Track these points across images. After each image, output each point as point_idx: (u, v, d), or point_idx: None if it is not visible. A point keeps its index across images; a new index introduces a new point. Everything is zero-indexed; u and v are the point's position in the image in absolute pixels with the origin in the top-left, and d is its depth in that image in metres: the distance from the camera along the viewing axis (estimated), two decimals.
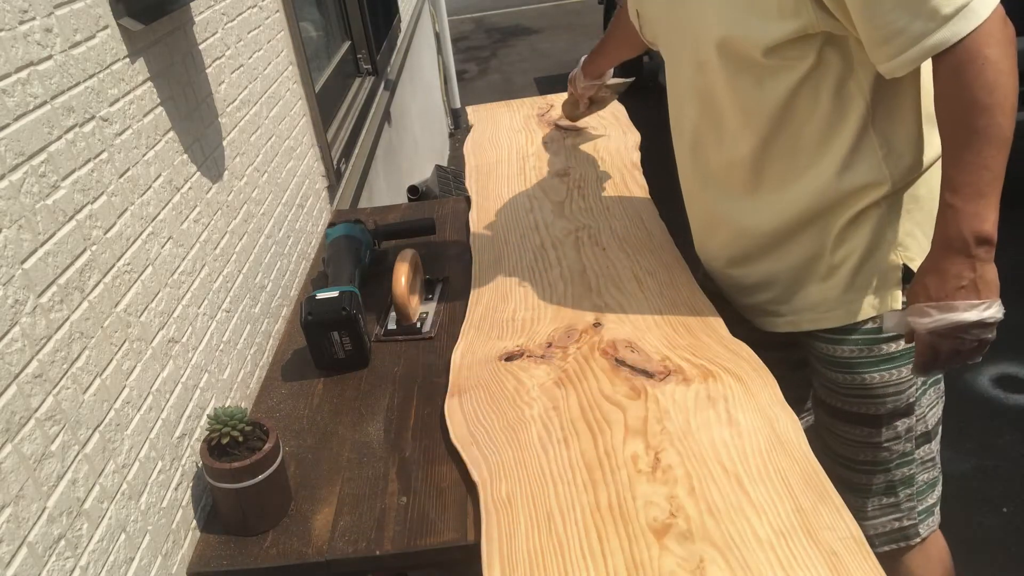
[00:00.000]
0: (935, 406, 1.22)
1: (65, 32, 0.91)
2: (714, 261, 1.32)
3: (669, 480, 0.95)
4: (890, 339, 1.13)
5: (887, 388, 1.15)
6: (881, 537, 1.26)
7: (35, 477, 0.77)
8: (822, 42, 1.00)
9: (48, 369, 0.81)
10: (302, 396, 1.32)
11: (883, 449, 1.20)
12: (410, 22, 4.42)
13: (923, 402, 1.18)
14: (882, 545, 1.26)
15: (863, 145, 1.06)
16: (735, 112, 1.11)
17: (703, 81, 1.13)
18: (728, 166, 1.17)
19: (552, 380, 1.16)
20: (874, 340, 1.13)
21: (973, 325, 0.95)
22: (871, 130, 1.05)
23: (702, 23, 1.08)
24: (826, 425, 1.26)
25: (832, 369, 1.18)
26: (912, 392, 1.16)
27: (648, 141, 2.04)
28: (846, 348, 1.15)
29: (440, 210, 1.96)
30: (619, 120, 2.12)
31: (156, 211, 1.09)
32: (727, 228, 1.23)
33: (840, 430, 1.23)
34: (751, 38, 1.02)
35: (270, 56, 1.69)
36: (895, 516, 1.25)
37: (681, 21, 1.14)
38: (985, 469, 2.14)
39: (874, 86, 1.03)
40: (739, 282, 1.28)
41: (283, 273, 1.60)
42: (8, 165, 0.79)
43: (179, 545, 1.02)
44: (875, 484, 1.23)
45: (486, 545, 0.91)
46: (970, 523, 1.97)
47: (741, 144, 1.12)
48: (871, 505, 1.25)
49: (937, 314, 0.96)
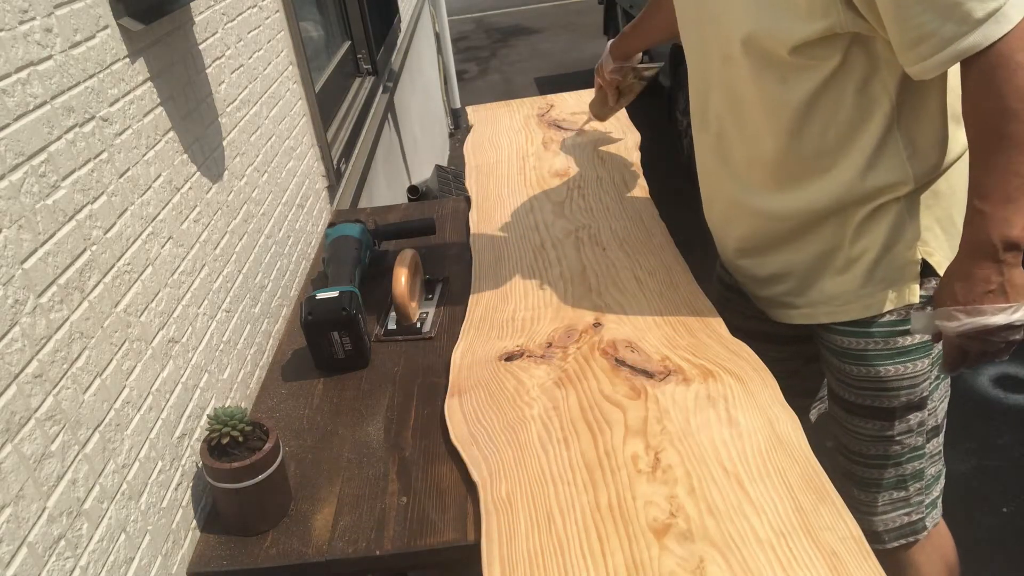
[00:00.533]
0: (945, 399, 1.22)
1: (65, 32, 0.91)
2: (730, 251, 1.31)
3: (669, 480, 0.95)
4: (905, 332, 1.13)
5: (902, 381, 1.15)
6: (891, 533, 1.26)
7: (35, 477, 0.77)
8: (849, 42, 0.99)
9: (48, 369, 0.81)
10: (302, 396, 1.32)
11: (895, 443, 1.20)
12: (410, 22, 4.42)
13: (935, 396, 1.19)
14: (892, 541, 1.26)
15: (887, 145, 1.05)
16: (759, 108, 1.10)
17: (728, 75, 1.13)
18: (751, 161, 1.17)
19: (552, 380, 1.16)
20: (890, 333, 1.13)
21: (1002, 328, 0.95)
22: (896, 130, 1.04)
23: (729, 17, 1.07)
24: (839, 420, 1.26)
25: (847, 362, 1.18)
26: (926, 386, 1.16)
27: (648, 141, 2.04)
28: (862, 341, 1.15)
29: (440, 210, 1.96)
30: (619, 120, 2.12)
31: (156, 211, 1.09)
32: (746, 218, 1.23)
33: (853, 425, 1.23)
34: (778, 36, 1.01)
35: (270, 56, 1.69)
36: (905, 511, 1.25)
37: (710, 13, 1.12)
38: (985, 469, 2.14)
39: (900, 86, 1.02)
40: (755, 273, 1.27)
41: (283, 273, 1.60)
42: (8, 165, 0.79)
43: (179, 545, 1.02)
44: (886, 479, 1.23)
45: (486, 545, 0.91)
46: (970, 523, 1.97)
47: (765, 141, 1.12)
48: (882, 500, 1.25)
49: (966, 318, 0.96)
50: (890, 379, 1.15)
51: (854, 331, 1.15)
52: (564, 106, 2.28)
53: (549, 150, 1.99)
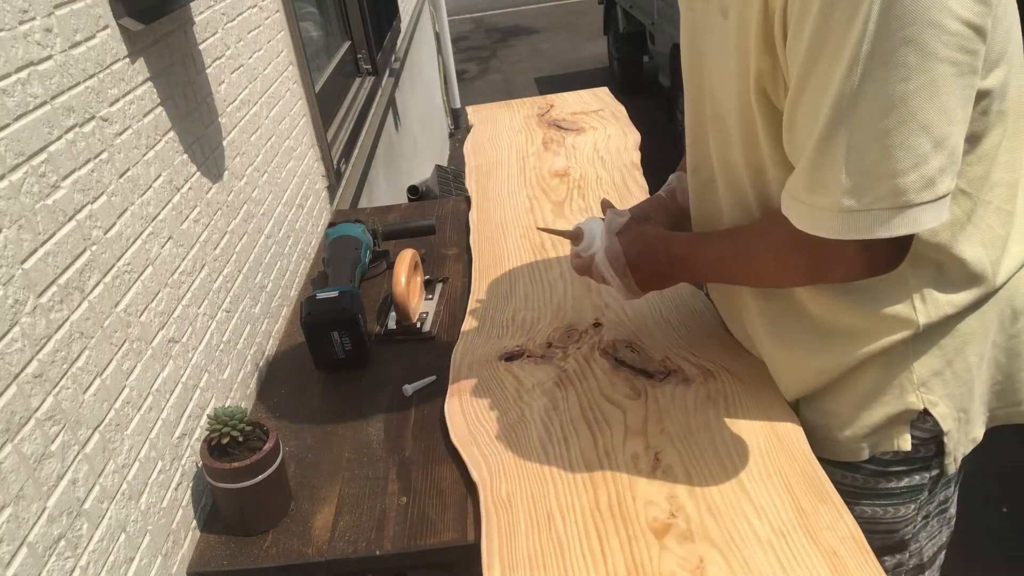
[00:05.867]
0: (935, 536, 1.07)
1: (65, 32, 0.91)
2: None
3: (669, 480, 0.95)
4: (889, 475, 0.97)
5: (878, 524, 1.01)
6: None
7: (35, 477, 0.77)
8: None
9: (48, 369, 0.81)
10: (302, 396, 1.32)
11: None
12: (410, 22, 4.42)
13: (920, 537, 1.04)
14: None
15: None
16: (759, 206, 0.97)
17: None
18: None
19: (552, 380, 1.16)
20: (872, 473, 0.98)
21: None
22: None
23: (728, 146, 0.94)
24: None
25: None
26: (908, 530, 1.02)
27: (648, 141, 2.04)
28: (844, 475, 1.01)
29: (440, 210, 1.96)
30: (619, 120, 2.12)
31: (156, 211, 1.09)
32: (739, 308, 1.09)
33: None
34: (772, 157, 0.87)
35: (270, 56, 1.69)
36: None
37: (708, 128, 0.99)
38: (985, 469, 2.14)
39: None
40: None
41: (283, 273, 1.60)
42: (8, 165, 0.79)
43: (179, 545, 1.02)
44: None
45: (486, 545, 0.91)
46: (970, 523, 1.97)
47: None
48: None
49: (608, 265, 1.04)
50: (864, 520, 0.98)
51: (834, 463, 1.01)
52: (564, 106, 2.28)
53: (549, 150, 1.99)
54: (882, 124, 0.68)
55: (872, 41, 0.66)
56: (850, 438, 0.96)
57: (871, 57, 0.66)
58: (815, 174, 0.74)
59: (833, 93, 0.69)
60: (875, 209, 0.71)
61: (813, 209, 0.75)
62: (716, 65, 0.89)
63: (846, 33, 0.67)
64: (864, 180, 0.71)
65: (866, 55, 0.66)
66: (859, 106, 0.69)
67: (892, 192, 0.70)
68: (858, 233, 0.73)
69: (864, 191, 0.71)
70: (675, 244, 1.01)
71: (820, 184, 0.74)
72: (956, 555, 1.35)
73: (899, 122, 0.68)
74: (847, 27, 0.67)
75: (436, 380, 1.28)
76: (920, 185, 0.70)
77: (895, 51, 0.66)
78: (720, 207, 1.00)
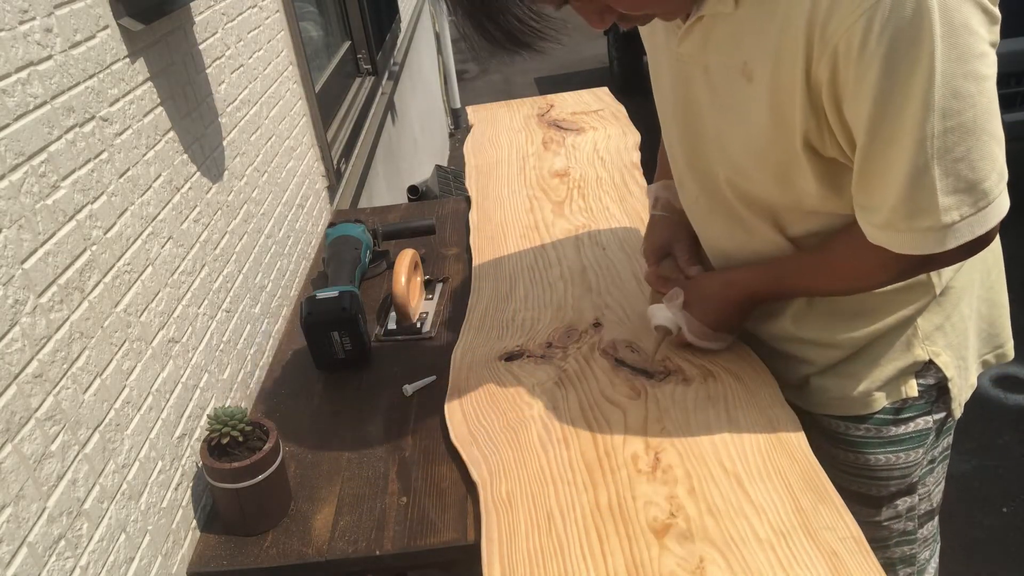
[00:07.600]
0: (941, 483, 1.15)
1: (65, 32, 0.91)
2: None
3: (669, 480, 0.95)
4: (899, 421, 1.06)
5: (892, 471, 1.09)
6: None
7: (35, 477, 0.77)
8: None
9: (48, 369, 0.81)
10: (302, 396, 1.32)
11: (882, 528, 1.14)
12: (410, 22, 4.42)
13: (929, 481, 1.13)
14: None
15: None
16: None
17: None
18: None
19: (552, 380, 1.16)
20: (883, 422, 1.06)
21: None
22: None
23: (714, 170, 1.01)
24: None
25: (838, 447, 1.12)
26: (917, 473, 1.10)
27: (648, 141, 2.04)
28: (853, 427, 1.08)
29: (440, 210, 1.96)
30: (619, 120, 2.12)
31: (156, 211, 1.09)
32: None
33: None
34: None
35: (270, 56, 1.69)
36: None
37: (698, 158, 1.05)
38: (985, 469, 2.14)
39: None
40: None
41: (283, 273, 1.60)
42: (8, 165, 0.79)
43: (179, 545, 1.02)
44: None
45: (486, 545, 0.91)
46: (970, 523, 1.97)
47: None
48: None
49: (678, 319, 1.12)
50: (879, 467, 1.09)
51: (848, 417, 1.09)
52: (564, 106, 2.28)
53: (549, 150, 1.99)
54: (963, 147, 0.77)
55: (940, 87, 0.74)
56: (863, 392, 1.04)
57: (944, 100, 0.75)
58: (911, 204, 0.81)
59: (914, 138, 0.77)
60: (972, 215, 0.80)
61: (914, 234, 0.82)
62: (734, 121, 0.94)
63: (909, 85, 0.75)
64: (958, 195, 0.79)
65: (939, 99, 0.75)
66: (942, 142, 0.77)
67: (983, 195, 0.79)
68: (962, 239, 0.81)
69: (960, 205, 0.79)
70: (751, 282, 1.06)
71: (918, 212, 0.81)
72: (956, 555, 1.35)
73: (976, 141, 0.77)
74: (909, 79, 0.74)
75: (436, 380, 1.29)
76: (998, 179, 0.80)
77: (960, 87, 0.74)
78: (731, 226, 1.07)
